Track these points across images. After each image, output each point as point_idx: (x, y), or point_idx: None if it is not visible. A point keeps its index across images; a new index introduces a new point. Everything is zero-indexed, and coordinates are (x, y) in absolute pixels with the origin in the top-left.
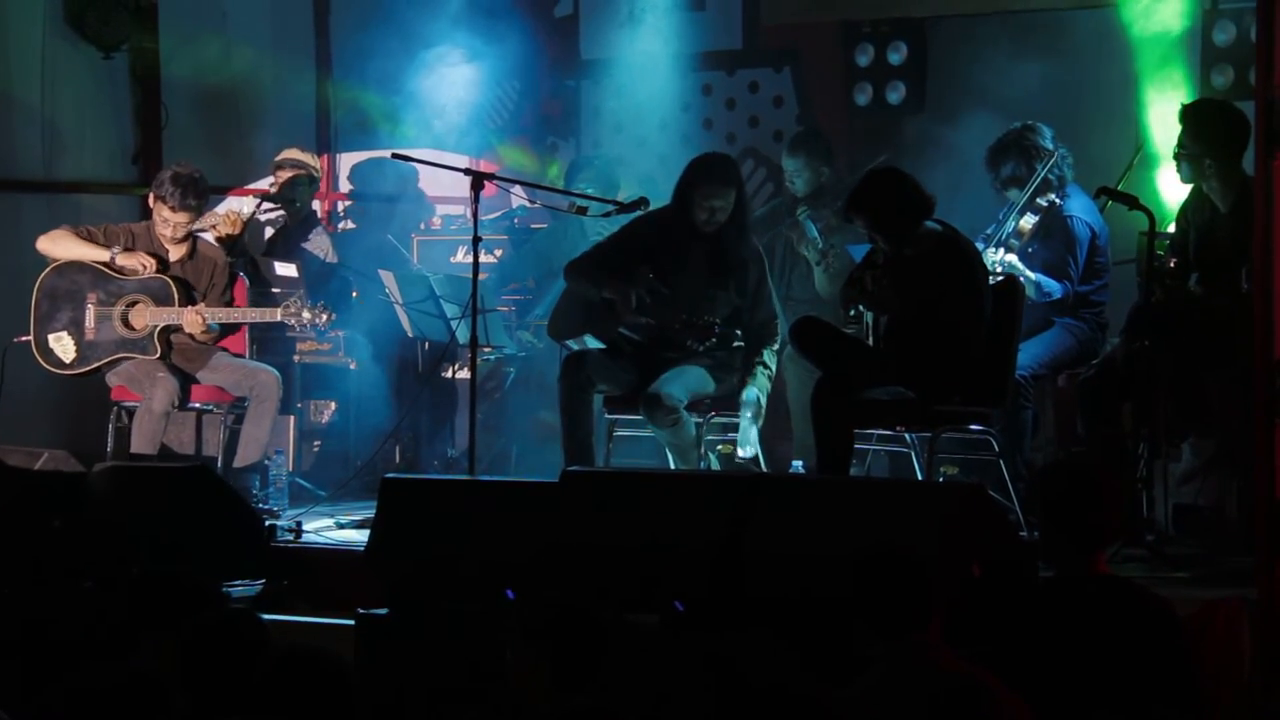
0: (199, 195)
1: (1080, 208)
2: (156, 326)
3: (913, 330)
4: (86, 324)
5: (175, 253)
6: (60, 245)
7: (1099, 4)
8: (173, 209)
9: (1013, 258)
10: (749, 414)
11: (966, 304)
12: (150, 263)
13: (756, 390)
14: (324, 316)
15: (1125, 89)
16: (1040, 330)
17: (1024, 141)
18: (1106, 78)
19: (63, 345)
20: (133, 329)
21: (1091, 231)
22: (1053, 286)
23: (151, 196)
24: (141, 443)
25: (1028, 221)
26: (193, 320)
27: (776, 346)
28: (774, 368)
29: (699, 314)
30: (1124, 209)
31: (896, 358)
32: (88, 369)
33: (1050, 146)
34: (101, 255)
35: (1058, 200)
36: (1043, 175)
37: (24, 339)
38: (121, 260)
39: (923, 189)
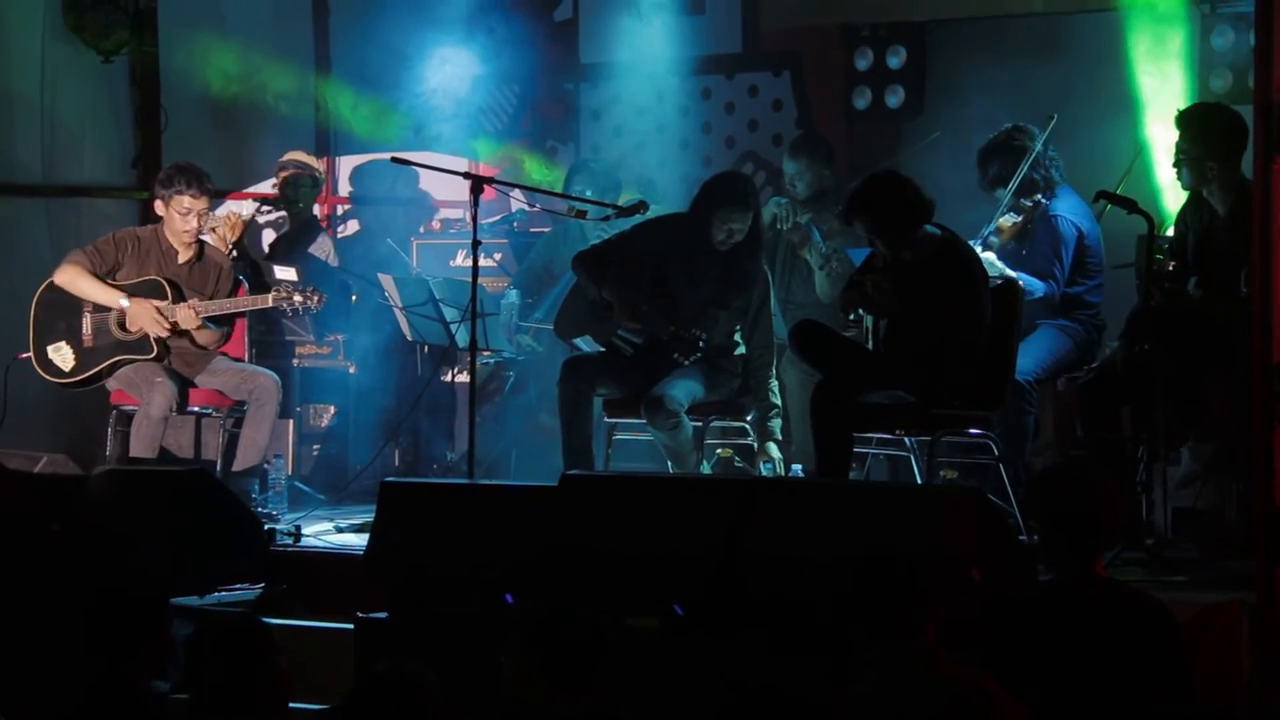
0: (208, 178)
1: (1068, 208)
2: None
3: (912, 334)
4: (84, 332)
5: (183, 255)
6: (75, 286)
7: (1098, 8)
8: (195, 196)
9: (990, 255)
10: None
11: (966, 308)
12: (163, 323)
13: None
14: (315, 298)
15: (1124, 92)
16: (1027, 333)
17: (1012, 142)
18: (1105, 81)
19: (61, 355)
20: (129, 332)
21: (1078, 231)
22: (1034, 285)
23: (162, 201)
24: (140, 447)
25: (1008, 220)
26: (187, 315)
27: (774, 380)
28: (780, 403)
29: (689, 328)
30: (1123, 212)
31: (896, 361)
32: (87, 375)
33: (1038, 148)
34: (112, 302)
35: (1044, 200)
36: (1024, 173)
37: (24, 356)
38: (131, 323)
39: (923, 192)
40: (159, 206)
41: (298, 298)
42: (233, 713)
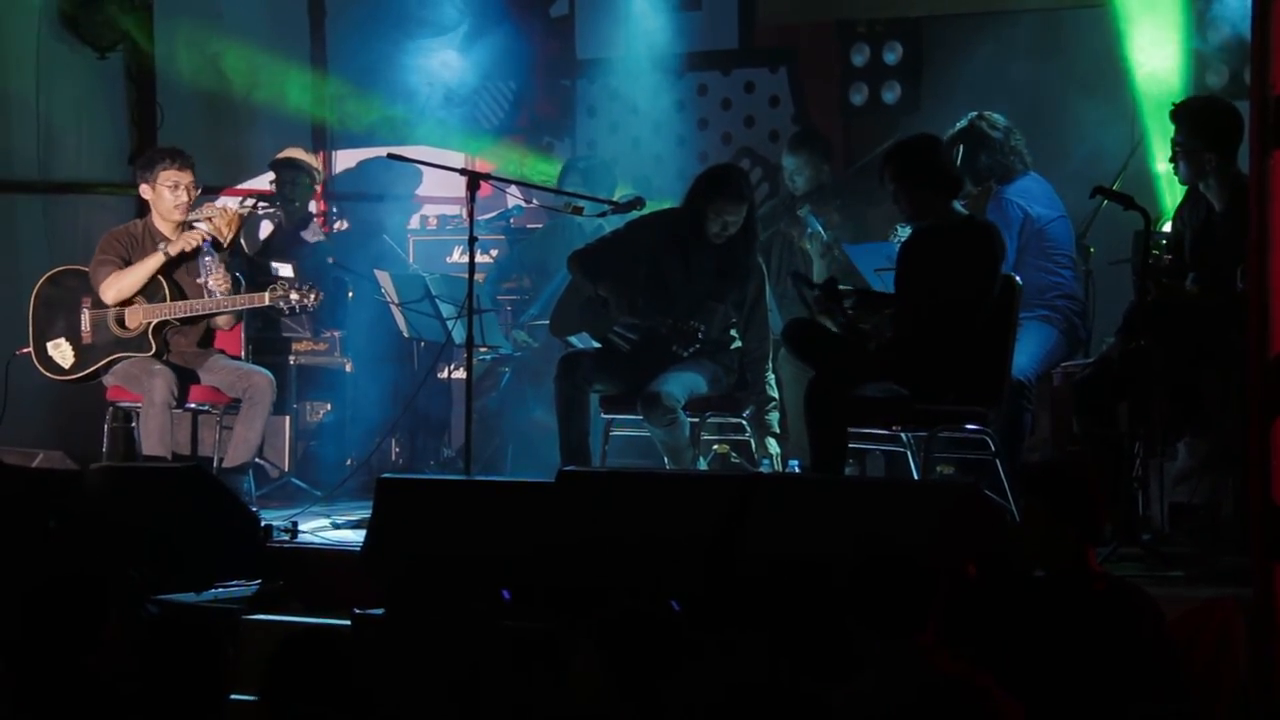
0: (189, 154)
1: (1018, 191)
2: (150, 324)
3: (908, 322)
4: (83, 329)
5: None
6: (124, 283)
7: (1094, 3)
8: (179, 169)
9: None
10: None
11: (972, 285)
12: (207, 225)
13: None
14: (312, 296)
15: (1120, 87)
16: None
17: (972, 129)
18: (1101, 76)
19: (61, 352)
20: (127, 328)
21: (1025, 214)
22: None
23: (148, 185)
24: (152, 443)
25: None
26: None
27: (770, 373)
28: (777, 396)
29: (687, 320)
30: (1120, 208)
31: (890, 352)
32: (87, 373)
33: (998, 136)
34: (155, 261)
35: (995, 185)
36: (962, 157)
37: (24, 351)
38: (175, 249)
39: (953, 164)
40: (145, 191)
41: (294, 295)
42: (187, 706)
